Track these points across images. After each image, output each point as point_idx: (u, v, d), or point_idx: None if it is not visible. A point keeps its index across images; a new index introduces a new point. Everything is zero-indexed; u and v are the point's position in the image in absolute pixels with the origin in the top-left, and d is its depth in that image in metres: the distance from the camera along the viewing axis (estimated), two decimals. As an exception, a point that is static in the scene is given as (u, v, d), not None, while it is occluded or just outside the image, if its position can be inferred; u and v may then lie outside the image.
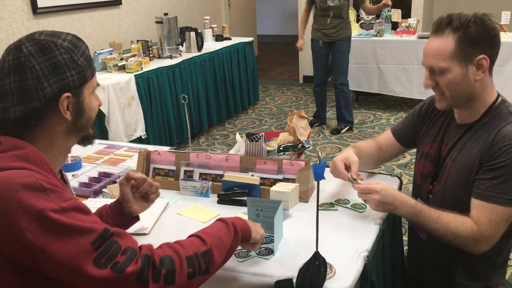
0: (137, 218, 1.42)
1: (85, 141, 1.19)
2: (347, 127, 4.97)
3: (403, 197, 1.47)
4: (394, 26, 5.56)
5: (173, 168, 1.86)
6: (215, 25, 5.95)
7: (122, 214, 1.38)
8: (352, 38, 4.93)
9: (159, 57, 4.70)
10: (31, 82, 1.02)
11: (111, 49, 4.36)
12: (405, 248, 1.87)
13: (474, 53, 1.42)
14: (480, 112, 1.50)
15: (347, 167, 1.65)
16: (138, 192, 1.38)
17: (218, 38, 5.67)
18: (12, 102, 1.03)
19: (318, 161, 1.20)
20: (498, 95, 1.53)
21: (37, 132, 1.08)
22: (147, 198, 1.41)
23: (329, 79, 5.11)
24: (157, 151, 1.89)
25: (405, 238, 2.13)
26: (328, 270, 1.25)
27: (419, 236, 1.68)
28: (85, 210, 1.02)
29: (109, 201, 1.70)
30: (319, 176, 1.20)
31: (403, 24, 5.47)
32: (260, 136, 1.89)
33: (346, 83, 4.89)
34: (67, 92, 1.06)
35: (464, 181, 1.50)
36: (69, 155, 1.89)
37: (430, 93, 1.65)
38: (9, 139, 1.04)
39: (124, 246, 1.00)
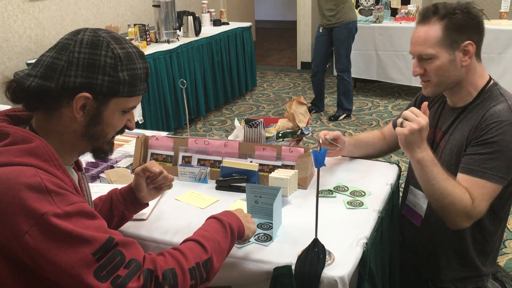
0: (146, 204, 1.43)
1: (96, 154, 1.14)
2: (345, 114, 4.95)
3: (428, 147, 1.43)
4: (394, 12, 5.52)
5: (171, 153, 1.85)
6: (213, 10, 5.89)
7: (133, 200, 1.38)
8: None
9: (156, 42, 4.65)
10: (61, 63, 1.00)
11: (108, 33, 4.30)
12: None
13: (461, 39, 1.45)
14: (472, 95, 1.53)
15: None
16: (152, 183, 1.37)
17: (216, 22, 5.62)
18: (36, 72, 1.01)
19: (318, 148, 1.19)
20: (490, 78, 1.55)
21: (49, 117, 1.04)
22: (160, 188, 1.41)
23: (327, 66, 5.07)
24: (155, 136, 1.88)
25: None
26: (327, 257, 1.24)
27: (412, 224, 1.68)
28: (90, 215, 0.98)
29: (106, 186, 1.70)
30: (319, 163, 1.19)
31: (402, 11, 5.43)
32: (259, 122, 1.88)
33: (346, 70, 4.80)
34: (88, 92, 1.01)
35: (455, 162, 1.52)
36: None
37: None
38: (19, 131, 1.00)
39: (129, 258, 0.96)
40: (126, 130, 1.16)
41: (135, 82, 1.06)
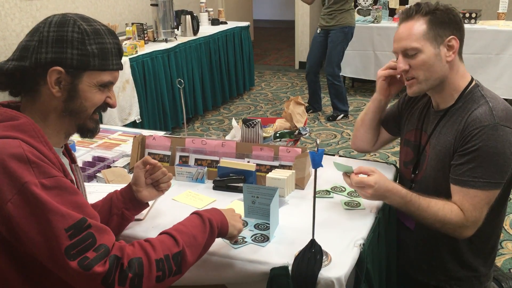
0: (146, 204, 1.43)
1: (82, 132, 1.18)
2: (342, 115, 4.95)
3: (394, 187, 1.47)
4: (392, 12, 5.53)
5: (168, 153, 1.84)
6: (211, 9, 5.88)
7: (132, 199, 1.38)
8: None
9: (154, 41, 4.65)
10: (33, 43, 1.07)
11: (106, 31, 4.29)
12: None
13: (445, 33, 1.47)
14: (454, 97, 1.53)
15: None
16: (150, 178, 1.39)
17: (214, 22, 5.61)
18: (13, 56, 1.09)
19: (316, 149, 1.19)
20: (472, 79, 1.55)
21: (32, 99, 1.10)
22: (158, 187, 1.42)
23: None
24: (152, 136, 1.87)
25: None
26: (324, 257, 1.24)
27: (405, 226, 1.68)
28: (69, 190, 1.02)
29: (103, 185, 1.70)
30: (316, 164, 1.19)
31: (400, 11, 5.43)
32: (257, 122, 1.87)
33: (336, 74, 4.78)
34: (60, 66, 1.07)
35: (442, 168, 1.52)
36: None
37: None
38: (8, 111, 1.07)
39: (99, 242, 1.00)
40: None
41: (106, 55, 1.11)
